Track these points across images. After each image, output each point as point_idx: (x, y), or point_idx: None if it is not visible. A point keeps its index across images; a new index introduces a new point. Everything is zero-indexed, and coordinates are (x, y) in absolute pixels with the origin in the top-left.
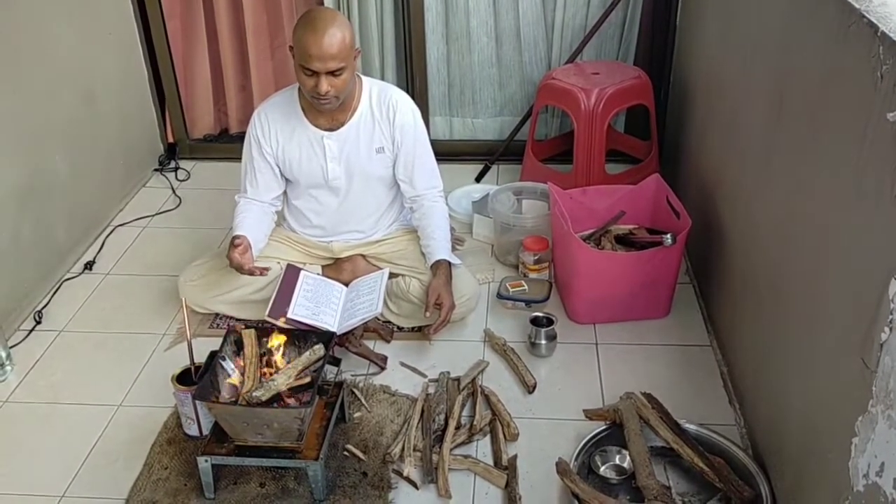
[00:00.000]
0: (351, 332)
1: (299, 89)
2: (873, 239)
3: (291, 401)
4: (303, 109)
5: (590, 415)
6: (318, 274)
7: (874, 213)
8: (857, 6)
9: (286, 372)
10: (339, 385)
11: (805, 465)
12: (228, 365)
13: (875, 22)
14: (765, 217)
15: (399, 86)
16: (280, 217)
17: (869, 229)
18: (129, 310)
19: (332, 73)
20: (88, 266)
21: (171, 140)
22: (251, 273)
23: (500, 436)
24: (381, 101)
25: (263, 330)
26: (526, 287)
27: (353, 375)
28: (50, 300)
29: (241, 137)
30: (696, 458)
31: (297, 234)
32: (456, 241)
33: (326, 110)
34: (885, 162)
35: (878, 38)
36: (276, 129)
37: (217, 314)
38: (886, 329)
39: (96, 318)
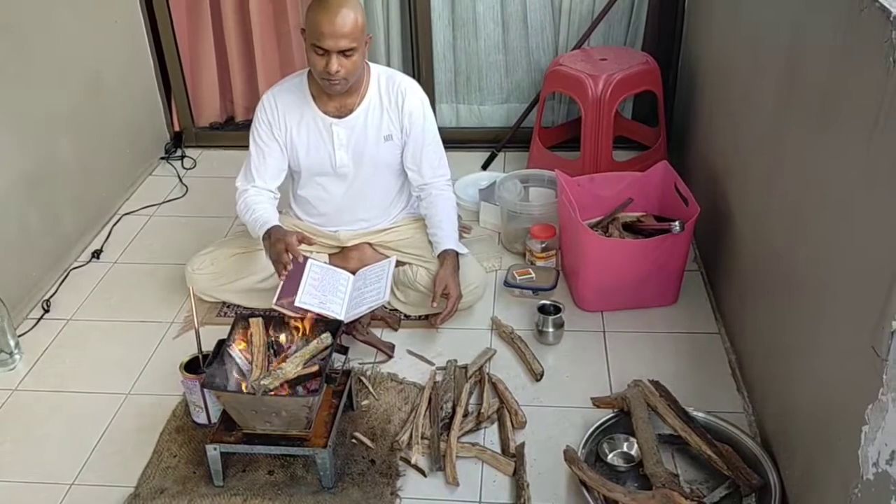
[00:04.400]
0: (358, 320)
1: (308, 75)
2: (885, 226)
3: (312, 384)
4: (312, 96)
5: (597, 402)
6: (325, 262)
7: (886, 199)
8: None
9: (294, 360)
10: (347, 373)
11: (814, 453)
12: (236, 353)
13: (887, 6)
14: (774, 204)
15: (405, 72)
16: (285, 206)
17: (880, 216)
18: (137, 298)
19: (343, 54)
20: (96, 255)
21: (177, 128)
22: (284, 264)
23: (508, 423)
24: (389, 88)
25: (271, 319)
26: (533, 275)
27: (360, 363)
28: (58, 289)
29: (247, 125)
30: (704, 445)
31: (303, 223)
32: (463, 229)
33: (336, 92)
34: None
35: (890, 22)
36: (285, 112)
37: (224, 303)
38: None
39: (104, 307)
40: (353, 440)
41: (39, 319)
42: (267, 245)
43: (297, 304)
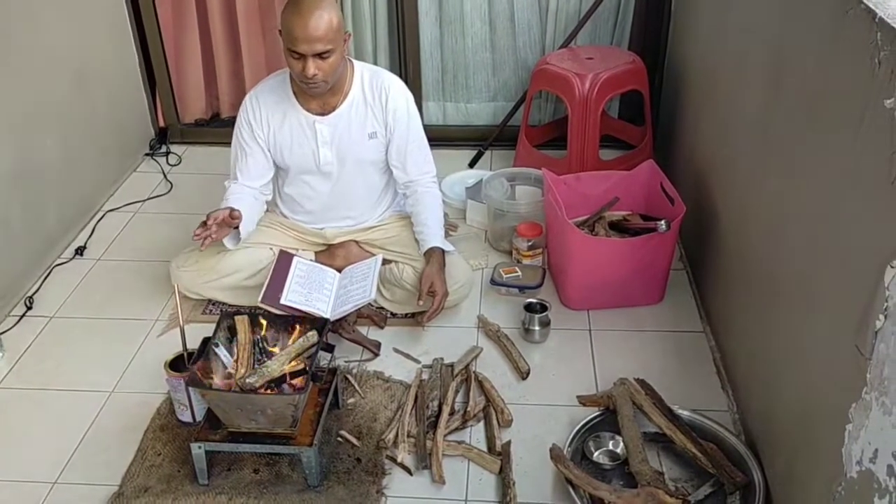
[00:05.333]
0: (344, 318)
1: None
2: (869, 226)
3: (297, 381)
4: (294, 94)
5: (583, 401)
6: (310, 260)
7: (870, 199)
8: None
9: (280, 358)
10: (333, 371)
11: (798, 451)
12: (221, 351)
13: (873, 8)
14: (759, 203)
15: (392, 70)
16: (272, 203)
17: (865, 216)
18: (121, 295)
19: (320, 56)
20: (79, 251)
21: (162, 124)
22: (202, 236)
23: (494, 422)
24: (373, 85)
25: (257, 316)
26: (519, 273)
27: (346, 362)
28: (41, 286)
29: (232, 122)
30: (689, 443)
31: (289, 220)
32: (449, 227)
33: (316, 94)
34: (881, 148)
35: (875, 23)
36: (267, 113)
37: (210, 300)
38: (881, 316)
39: (88, 304)
40: (339, 438)
41: (22, 316)
42: None
43: (282, 301)
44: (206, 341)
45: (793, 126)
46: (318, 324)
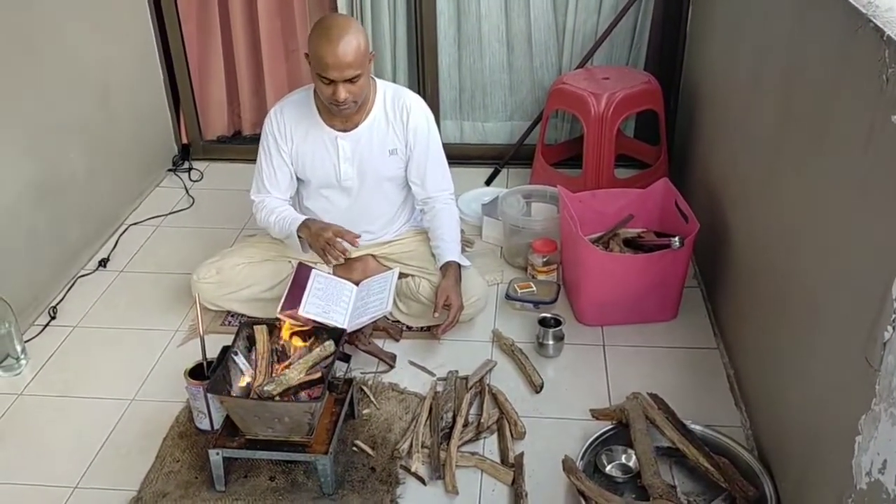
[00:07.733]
0: (360, 330)
1: (315, 89)
2: (877, 239)
3: (313, 390)
4: (318, 110)
5: (596, 414)
6: (328, 273)
7: (879, 213)
8: (863, 11)
9: (297, 367)
10: (349, 382)
11: (809, 463)
12: (241, 360)
13: (881, 26)
14: (772, 220)
15: (411, 89)
16: None
17: (874, 229)
18: (143, 306)
19: (350, 81)
20: (103, 263)
21: (185, 141)
22: (342, 251)
23: (507, 434)
24: (395, 103)
25: (275, 326)
26: (534, 288)
27: (362, 373)
28: (64, 296)
29: (254, 139)
30: (702, 457)
31: None
32: (465, 243)
33: (345, 115)
34: (889, 163)
35: (884, 42)
36: (291, 127)
37: (229, 312)
38: (889, 328)
39: (110, 315)
40: (354, 448)
41: (46, 326)
42: (307, 234)
43: (301, 312)
44: (226, 350)
45: (804, 143)
46: (335, 334)
